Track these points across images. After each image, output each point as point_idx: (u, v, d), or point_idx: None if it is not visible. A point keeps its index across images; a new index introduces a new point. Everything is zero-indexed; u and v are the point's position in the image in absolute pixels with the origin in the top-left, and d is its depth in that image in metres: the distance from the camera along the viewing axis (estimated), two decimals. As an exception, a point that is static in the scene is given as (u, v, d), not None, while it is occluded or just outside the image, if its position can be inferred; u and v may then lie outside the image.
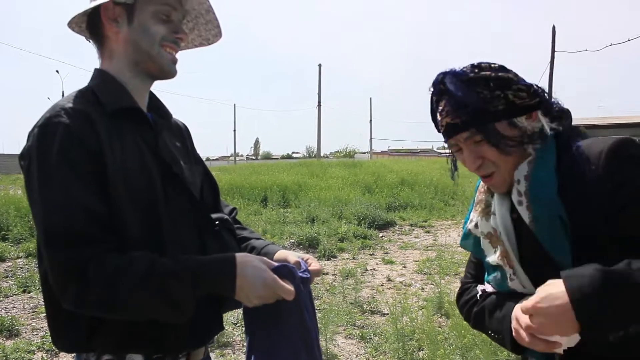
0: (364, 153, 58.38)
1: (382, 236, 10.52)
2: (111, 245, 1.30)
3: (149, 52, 1.47)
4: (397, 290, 6.65)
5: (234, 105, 70.23)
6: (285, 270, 1.45)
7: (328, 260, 8.42)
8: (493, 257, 1.43)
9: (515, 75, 1.36)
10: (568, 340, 1.22)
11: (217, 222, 1.59)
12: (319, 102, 47.91)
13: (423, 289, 6.72)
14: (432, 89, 1.41)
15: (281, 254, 1.64)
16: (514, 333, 1.30)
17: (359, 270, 7.59)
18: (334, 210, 11.93)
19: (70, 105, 1.36)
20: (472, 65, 1.37)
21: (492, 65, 1.36)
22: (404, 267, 7.94)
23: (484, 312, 1.49)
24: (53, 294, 1.31)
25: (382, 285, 6.92)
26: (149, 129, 1.50)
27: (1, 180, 24.64)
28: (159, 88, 1.75)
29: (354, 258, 8.53)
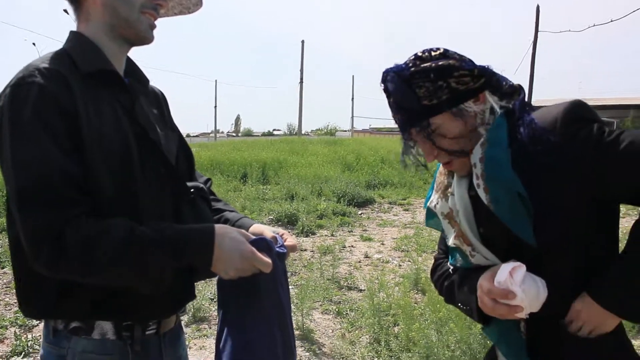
0: (346, 131, 58.40)
1: (361, 214, 10.56)
2: (87, 209, 1.28)
3: (127, 19, 1.44)
4: (374, 266, 6.69)
5: (215, 81, 69.63)
6: (263, 244, 1.44)
7: (306, 236, 8.43)
8: (451, 240, 1.45)
9: (458, 59, 1.36)
10: (530, 305, 1.26)
11: (192, 190, 1.57)
12: (301, 79, 47.69)
13: (400, 265, 6.77)
14: (382, 85, 1.42)
15: (256, 227, 1.63)
16: (479, 302, 1.34)
17: (337, 247, 7.63)
18: (313, 187, 11.93)
19: (45, 65, 1.32)
20: (415, 57, 1.37)
21: (434, 54, 1.36)
22: (382, 244, 7.99)
23: (453, 286, 1.53)
24: (22, 258, 1.29)
25: (359, 261, 6.96)
26: (125, 93, 1.47)
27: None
28: (141, 62, 1.72)
29: (332, 235, 8.56)
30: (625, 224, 1.55)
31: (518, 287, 1.24)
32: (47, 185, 1.24)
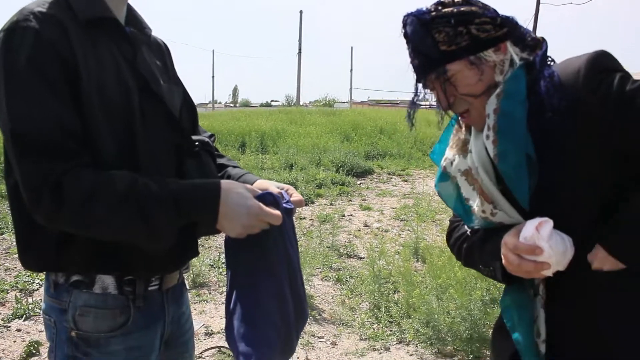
0: (344, 103, 58.03)
1: (360, 184, 10.54)
2: (87, 160, 1.24)
3: None
4: (374, 235, 6.69)
5: (213, 51, 68.93)
6: (270, 198, 1.39)
7: (306, 205, 8.37)
8: (473, 200, 1.38)
9: (482, 7, 1.31)
10: (557, 262, 1.22)
11: (196, 144, 1.52)
12: (300, 49, 47.35)
13: (400, 234, 6.77)
14: (402, 30, 1.37)
15: (261, 183, 1.58)
16: (503, 260, 1.29)
17: (337, 215, 7.62)
18: (312, 157, 11.89)
19: (40, 9, 1.25)
20: (437, 2, 1.32)
21: (456, 1, 1.31)
22: (382, 213, 7.98)
23: (473, 247, 1.48)
24: (22, 208, 1.26)
25: (359, 230, 6.96)
26: (126, 42, 1.41)
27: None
28: None
29: (331, 204, 8.54)
30: None
31: (545, 242, 1.20)
32: (45, 135, 1.19)
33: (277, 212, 1.36)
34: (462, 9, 1.28)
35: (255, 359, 1.36)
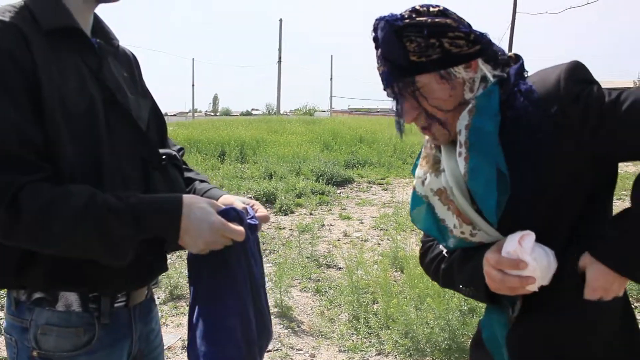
0: (324, 111, 58.15)
1: (340, 193, 10.52)
2: (47, 174, 1.19)
3: None
4: (353, 245, 6.66)
5: (193, 59, 68.76)
6: (233, 214, 1.36)
7: (285, 215, 8.37)
8: (451, 220, 1.33)
9: (457, 20, 1.28)
10: (542, 276, 1.19)
11: (163, 157, 1.49)
12: (280, 58, 47.31)
13: (379, 244, 6.75)
14: (372, 34, 1.33)
15: (226, 198, 1.54)
16: (486, 279, 1.25)
17: (316, 225, 7.57)
18: (292, 166, 11.84)
19: (1, 18, 1.22)
20: (412, 10, 1.29)
21: (432, 10, 1.28)
22: (361, 222, 7.96)
23: (452, 268, 1.42)
24: None
25: (338, 240, 6.92)
26: (91, 53, 1.38)
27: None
28: (118, 38, 1.64)
29: (311, 214, 8.50)
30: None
31: (529, 255, 1.17)
32: (3, 147, 1.15)
33: (240, 228, 1.33)
34: (437, 20, 1.25)
35: None
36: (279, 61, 47.29)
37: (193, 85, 64.95)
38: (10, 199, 1.13)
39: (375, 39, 1.31)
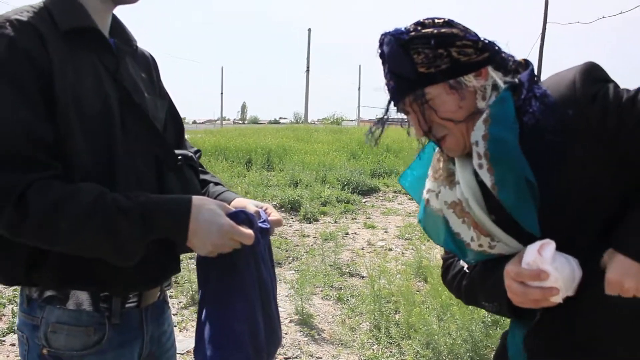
0: (352, 121, 58.14)
1: (365, 202, 10.47)
2: (57, 172, 1.19)
3: None
4: (377, 254, 6.60)
5: (222, 67, 69.37)
6: (243, 217, 1.34)
7: (309, 223, 8.35)
8: (467, 233, 1.29)
9: (463, 30, 1.27)
10: (565, 286, 1.14)
11: (179, 157, 1.48)
12: (308, 67, 47.54)
13: (403, 253, 6.68)
14: (378, 50, 1.31)
15: (239, 201, 1.53)
16: (508, 292, 1.21)
17: (340, 233, 7.53)
18: (317, 174, 11.83)
19: (18, 17, 1.23)
20: (416, 23, 1.28)
21: (437, 21, 1.27)
22: (386, 232, 7.90)
23: (474, 284, 1.39)
24: None
25: (362, 249, 6.87)
26: (109, 53, 1.38)
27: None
28: (147, 47, 1.66)
29: (335, 222, 8.47)
30: None
31: (549, 265, 1.12)
32: (11, 145, 1.15)
33: (249, 232, 1.31)
34: (442, 30, 1.24)
35: None
36: (307, 70, 47.52)
37: (222, 93, 65.59)
38: (17, 197, 1.13)
39: (381, 55, 1.30)
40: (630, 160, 1.17)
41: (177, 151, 1.51)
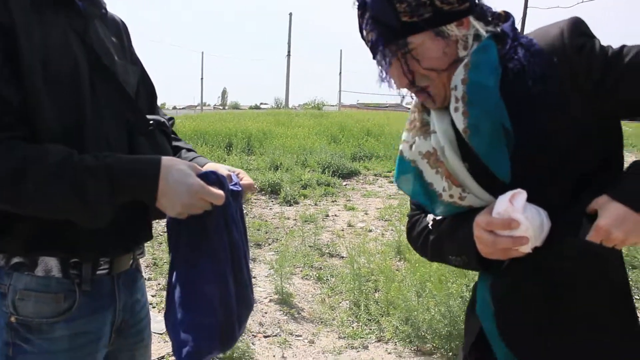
0: (333, 106, 58.05)
1: (346, 184, 10.47)
2: (23, 134, 1.17)
3: None
4: (357, 235, 6.62)
5: (202, 52, 68.91)
6: (213, 177, 1.32)
7: (290, 206, 8.33)
8: (440, 183, 1.28)
9: None
10: (534, 236, 1.15)
11: (151, 122, 1.45)
12: (289, 52, 47.32)
13: (383, 234, 6.71)
14: (355, 2, 1.29)
15: (211, 165, 1.51)
16: (477, 244, 1.22)
17: (320, 216, 7.54)
18: (298, 158, 11.81)
19: None
20: None
21: None
22: (366, 214, 7.92)
23: (441, 239, 1.38)
24: None
25: (342, 230, 6.89)
26: (77, 16, 1.34)
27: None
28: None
29: (315, 204, 8.46)
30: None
31: (520, 214, 1.13)
32: None
33: (220, 192, 1.29)
34: None
35: (191, 348, 1.29)
36: (288, 55, 47.31)
37: (202, 78, 65.13)
38: None
39: (362, 4, 1.27)
40: (610, 117, 1.19)
41: (148, 116, 1.48)
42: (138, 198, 1.25)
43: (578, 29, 1.20)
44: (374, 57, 1.30)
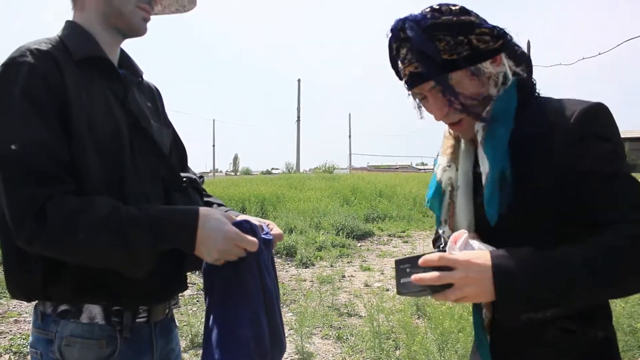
0: (343, 169, 58.49)
1: (360, 245, 10.48)
2: (71, 187, 1.27)
3: (121, 10, 1.45)
4: (374, 294, 6.59)
5: (213, 120, 70.24)
6: (247, 226, 1.41)
7: (305, 268, 8.34)
8: (444, 215, 1.38)
9: (477, 16, 1.31)
10: None
11: (184, 180, 1.55)
12: (298, 117, 48.15)
13: (401, 293, 6.66)
14: (390, 35, 1.35)
15: (243, 217, 1.60)
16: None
17: (337, 277, 7.53)
18: (312, 220, 11.87)
19: (37, 47, 1.33)
20: (432, 9, 1.31)
21: (453, 9, 1.30)
22: (382, 273, 7.90)
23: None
24: (9, 236, 1.28)
25: (359, 289, 6.86)
26: (118, 82, 1.48)
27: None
28: None
29: (331, 266, 8.46)
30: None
31: (457, 251, 1.18)
32: (32, 161, 1.23)
33: (254, 239, 1.37)
34: (461, 17, 1.28)
35: None
36: (298, 120, 48.10)
37: (214, 145, 66.09)
38: (37, 209, 1.20)
39: (403, 38, 1.31)
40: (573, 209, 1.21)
41: (182, 174, 1.58)
42: (178, 246, 1.33)
43: (593, 118, 1.21)
44: (410, 89, 1.36)
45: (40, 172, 1.23)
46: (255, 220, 1.55)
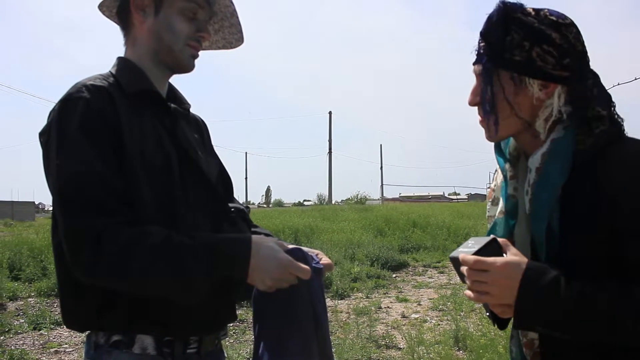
0: (376, 200, 58.33)
1: (396, 276, 10.39)
2: (126, 218, 1.29)
3: (171, 47, 1.49)
4: (412, 325, 6.51)
5: (245, 153, 70.97)
6: (299, 254, 1.41)
7: (341, 299, 8.29)
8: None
9: (567, 40, 1.19)
10: None
11: (233, 210, 1.57)
12: (330, 149, 48.30)
13: (439, 324, 6.57)
14: (496, 7, 1.25)
15: (293, 246, 1.61)
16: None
17: (373, 308, 7.47)
18: (346, 252, 11.82)
19: (92, 82, 1.39)
20: (535, 9, 1.22)
21: (549, 18, 1.20)
22: (419, 304, 7.81)
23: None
24: (65, 267, 1.31)
25: (396, 321, 6.78)
26: (167, 115, 1.51)
27: (15, 226, 24.78)
28: None
29: (367, 297, 8.40)
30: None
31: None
32: (88, 192, 1.27)
33: (306, 266, 1.37)
34: (542, 27, 1.19)
35: None
36: (330, 152, 48.29)
37: (246, 178, 66.74)
38: (94, 239, 1.23)
39: (489, 14, 1.26)
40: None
41: (230, 204, 1.60)
42: (232, 274, 1.34)
43: None
44: (473, 64, 1.31)
45: (96, 203, 1.27)
46: (305, 249, 1.56)
